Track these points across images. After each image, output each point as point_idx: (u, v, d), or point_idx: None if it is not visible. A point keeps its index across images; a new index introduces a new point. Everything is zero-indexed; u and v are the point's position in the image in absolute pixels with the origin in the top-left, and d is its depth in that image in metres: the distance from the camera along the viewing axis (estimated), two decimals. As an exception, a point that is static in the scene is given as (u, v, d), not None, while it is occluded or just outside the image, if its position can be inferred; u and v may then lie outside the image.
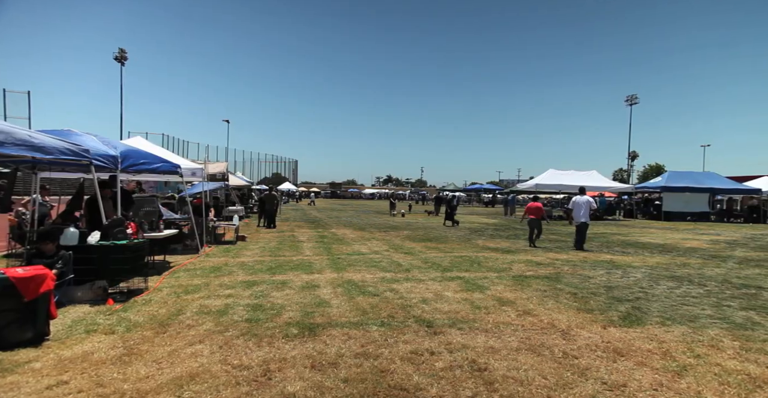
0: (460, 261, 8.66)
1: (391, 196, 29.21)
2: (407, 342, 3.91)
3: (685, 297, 5.90)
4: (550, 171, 26.10)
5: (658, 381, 3.13)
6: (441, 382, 3.09)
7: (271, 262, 8.18)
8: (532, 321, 4.62)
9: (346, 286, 6.18)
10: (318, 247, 10.56)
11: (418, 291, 5.94)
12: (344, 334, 4.09)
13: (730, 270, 8.18)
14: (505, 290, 6.11)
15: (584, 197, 11.36)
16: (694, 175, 27.28)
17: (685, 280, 7.09)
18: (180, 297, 5.36)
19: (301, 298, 5.44)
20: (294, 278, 6.72)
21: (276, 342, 3.82)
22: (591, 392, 2.95)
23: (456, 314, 4.85)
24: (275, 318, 4.54)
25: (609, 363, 3.49)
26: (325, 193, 79.95)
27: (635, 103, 79.81)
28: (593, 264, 8.57)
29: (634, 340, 4.04)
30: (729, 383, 3.12)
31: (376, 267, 7.90)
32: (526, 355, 3.63)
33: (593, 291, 6.16)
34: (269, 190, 16.80)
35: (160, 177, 9.26)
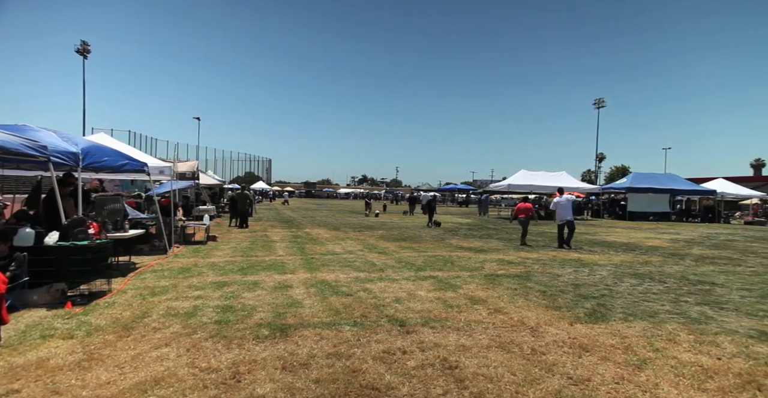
0: (434, 261, 8.75)
1: (367, 196, 28.79)
2: (380, 341, 3.92)
3: (646, 293, 6.15)
4: (522, 171, 26.72)
5: (619, 375, 3.26)
6: (412, 381, 3.11)
7: (242, 262, 8.02)
8: (502, 319, 4.71)
9: (319, 286, 6.13)
10: (291, 247, 10.43)
11: (391, 291, 5.95)
12: (316, 335, 4.05)
13: (688, 268, 8.59)
14: (477, 289, 6.20)
15: (564, 196, 11.90)
16: (656, 177, 28.54)
17: (647, 277, 7.40)
18: (146, 299, 5.18)
19: (273, 299, 5.35)
20: (266, 278, 6.62)
21: (246, 344, 3.74)
22: (557, 387, 3.04)
23: (429, 313, 4.89)
24: (246, 320, 4.45)
25: (575, 358, 3.59)
26: (300, 192, 79.07)
27: (602, 106, 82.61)
28: (562, 263, 8.82)
29: (599, 336, 4.18)
30: (684, 375, 3.28)
31: (350, 266, 7.87)
32: (496, 352, 3.70)
33: (561, 289, 6.34)
34: (241, 189, 16.46)
35: (125, 175, 8.92)
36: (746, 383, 3.15)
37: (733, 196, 29.22)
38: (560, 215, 11.71)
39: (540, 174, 26.58)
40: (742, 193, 29.54)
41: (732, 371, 3.36)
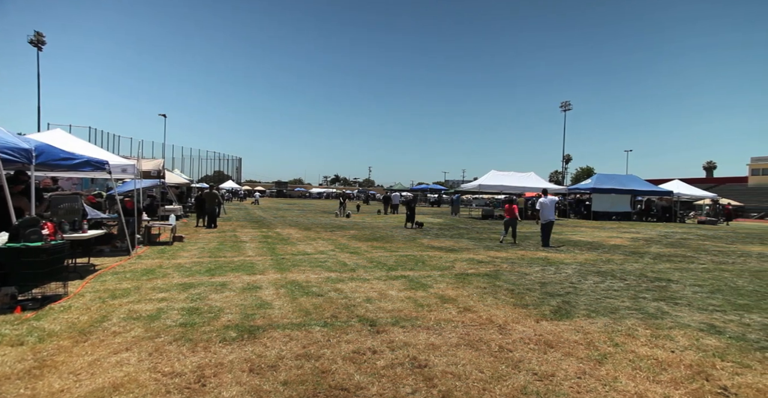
0: (405, 260, 8.79)
1: (342, 195, 28.21)
2: (350, 341, 3.90)
3: (608, 290, 6.40)
4: (492, 172, 27.26)
5: (582, 370, 3.37)
6: (382, 380, 3.11)
7: (210, 263, 7.80)
8: (471, 318, 4.78)
9: (289, 287, 6.04)
10: (261, 247, 10.24)
11: (362, 291, 5.94)
12: (285, 336, 3.99)
13: (646, 265, 9.00)
14: (447, 288, 6.28)
15: (548, 198, 12.46)
16: (618, 178, 29.75)
17: (609, 275, 7.70)
18: (105, 302, 4.96)
19: (241, 300, 5.24)
20: (235, 279, 6.47)
21: (212, 347, 3.64)
22: (523, 383, 3.11)
23: (399, 312, 4.91)
24: (213, 322, 4.33)
25: (540, 354, 3.69)
26: (271, 191, 77.79)
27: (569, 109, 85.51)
28: (530, 262, 9.05)
29: (563, 332, 4.31)
30: (640, 368, 3.43)
31: (321, 267, 7.80)
32: (465, 350, 3.75)
33: (529, 287, 6.50)
34: (210, 188, 16.02)
35: (85, 173, 8.50)
36: (696, 374, 3.33)
37: (687, 197, 30.85)
38: (544, 215, 12.19)
39: (509, 174, 27.21)
40: (696, 194, 31.24)
41: (684, 363, 3.54)
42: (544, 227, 12.20)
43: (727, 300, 5.95)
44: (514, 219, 12.79)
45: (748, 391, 3.06)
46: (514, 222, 12.79)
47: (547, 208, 12.26)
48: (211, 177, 64.52)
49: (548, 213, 12.20)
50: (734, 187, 58.00)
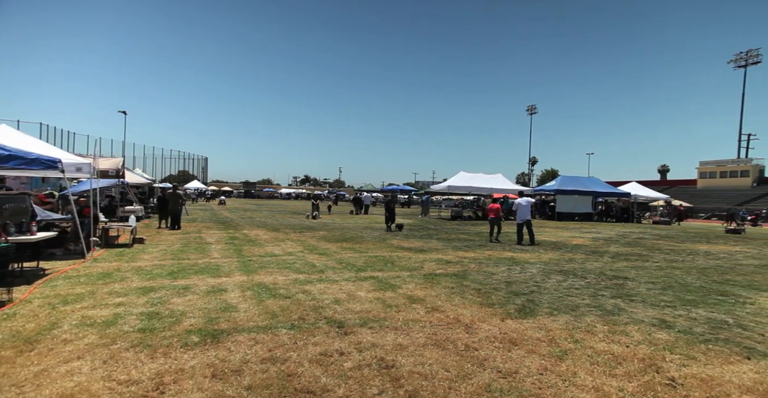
0: (375, 261, 8.80)
1: (315, 196, 27.57)
2: (317, 343, 3.86)
3: (569, 289, 6.63)
4: (461, 173, 27.71)
5: (543, 366, 3.48)
6: (349, 382, 3.09)
7: (172, 266, 7.53)
8: (439, 317, 4.84)
9: (256, 289, 5.92)
10: (227, 249, 9.98)
11: (331, 292, 5.90)
12: (251, 339, 3.91)
13: (605, 264, 9.40)
14: (416, 288, 6.33)
15: (525, 199, 13.49)
16: (581, 180, 30.94)
17: (571, 274, 7.99)
18: (56, 308, 4.68)
19: (205, 304, 5.08)
20: (198, 282, 6.27)
21: (173, 353, 3.51)
22: (487, 380, 3.18)
23: (368, 313, 4.90)
24: (174, 327, 4.18)
25: (504, 352, 3.78)
26: (239, 192, 76.01)
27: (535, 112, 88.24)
28: (496, 262, 9.26)
29: (527, 330, 4.43)
30: (598, 362, 3.58)
31: (289, 268, 7.69)
32: (432, 350, 3.79)
33: (495, 286, 6.65)
34: (173, 189, 15.46)
35: (34, 172, 8.00)
36: (647, 367, 3.50)
37: (644, 198, 32.48)
38: (520, 215, 13.07)
39: (478, 176, 27.74)
40: (651, 196, 32.97)
41: (637, 357, 3.72)
42: (520, 227, 13.04)
43: (677, 296, 6.30)
44: (499, 219, 13.70)
45: (692, 381, 3.26)
46: (498, 221, 13.65)
47: (522, 209, 13.10)
48: (175, 177, 62.40)
49: (524, 213, 13.02)
50: (685, 188, 61.57)
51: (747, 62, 59.13)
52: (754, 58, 58.65)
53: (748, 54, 58.99)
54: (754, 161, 58.37)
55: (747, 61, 59.15)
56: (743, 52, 59.46)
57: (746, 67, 59.32)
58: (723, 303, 5.90)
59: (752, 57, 58.75)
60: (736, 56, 60.19)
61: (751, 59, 58.86)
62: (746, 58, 59.18)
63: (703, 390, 3.10)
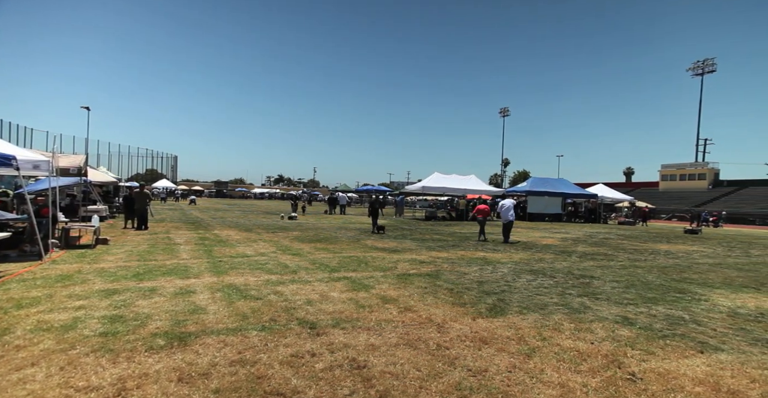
0: (348, 262, 8.77)
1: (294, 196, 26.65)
2: (288, 345, 3.81)
3: (539, 288, 6.80)
4: (435, 174, 28.00)
5: (512, 364, 3.55)
6: (320, 383, 3.07)
7: (138, 267, 7.27)
8: (411, 317, 4.87)
9: (226, 291, 5.79)
10: (197, 250, 9.72)
11: (303, 293, 5.84)
12: (220, 342, 3.82)
13: (573, 264, 9.70)
14: (389, 288, 6.34)
15: (508, 201, 14.45)
16: (551, 182, 31.80)
17: (540, 273, 8.20)
18: (8, 313, 4.44)
19: (172, 306, 4.93)
20: (166, 284, 6.07)
21: (137, 357, 3.39)
22: (458, 379, 3.22)
23: (340, 314, 4.88)
24: (138, 330, 4.03)
25: (475, 351, 3.84)
26: (210, 191, 74.22)
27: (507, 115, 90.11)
28: (469, 262, 9.39)
29: (497, 329, 4.52)
30: (564, 359, 3.69)
31: (261, 269, 7.56)
32: (404, 350, 3.81)
33: (467, 286, 6.74)
34: (140, 188, 14.93)
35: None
36: (610, 362, 3.64)
37: (610, 200, 33.71)
38: (504, 216, 13.97)
39: (452, 177, 28.09)
40: (617, 197, 34.27)
41: (601, 353, 3.86)
42: (505, 226, 13.87)
43: (639, 294, 6.58)
44: (485, 219, 14.39)
45: (651, 375, 3.41)
46: (484, 221, 14.40)
47: (506, 210, 13.95)
48: (143, 175, 60.30)
49: (507, 214, 13.86)
50: (648, 190, 64.32)
51: (704, 70, 62.32)
52: (710, 67, 61.89)
53: (705, 63, 62.19)
54: (710, 165, 61.60)
55: (704, 69, 62.33)
56: (700, 61, 62.66)
57: (703, 75, 62.53)
58: (680, 301, 6.20)
59: (708, 66, 61.98)
60: (694, 65, 63.35)
61: (707, 68, 62.07)
62: (703, 66, 62.36)
63: (660, 384, 3.24)
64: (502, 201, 14.52)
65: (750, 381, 3.38)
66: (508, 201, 14.35)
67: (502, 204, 14.30)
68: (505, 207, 14.09)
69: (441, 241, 13.51)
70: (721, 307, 5.87)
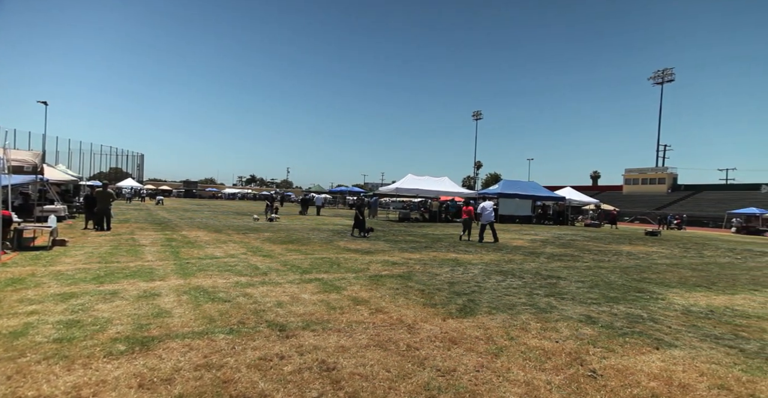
0: (321, 263, 8.70)
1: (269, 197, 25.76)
2: (256, 348, 3.74)
3: (508, 288, 6.95)
4: (409, 176, 28.19)
5: (480, 363, 3.61)
6: (288, 386, 3.03)
7: (99, 270, 6.96)
8: (382, 318, 4.87)
9: (193, 293, 5.63)
10: (163, 251, 9.40)
11: (274, 295, 5.75)
12: (185, 346, 3.71)
13: (541, 265, 9.97)
14: (361, 290, 6.33)
15: (489, 202, 15.34)
16: (522, 184, 32.62)
17: (509, 274, 8.38)
18: (-46, 318, 4.16)
19: (135, 310, 4.75)
20: (129, 287, 5.84)
21: (94, 363, 3.24)
22: (426, 379, 3.25)
23: (311, 316, 4.83)
24: (97, 335, 3.86)
25: (444, 351, 3.88)
26: (179, 191, 72.05)
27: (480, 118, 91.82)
28: (441, 263, 9.50)
29: (466, 329, 4.58)
30: (530, 358, 3.78)
31: (231, 271, 7.39)
32: (374, 351, 3.81)
33: (438, 287, 6.81)
34: (102, 187, 14.32)
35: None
36: (573, 360, 3.76)
37: (577, 202, 34.89)
38: (485, 217, 14.77)
39: (425, 179, 28.35)
40: (584, 200, 35.51)
41: (565, 351, 3.98)
42: (483, 227, 14.76)
43: (602, 293, 6.83)
44: (470, 220, 15.18)
45: (610, 371, 3.54)
46: (470, 222, 15.17)
47: (486, 211, 14.80)
48: (106, 174, 57.77)
49: (488, 215, 14.74)
50: (613, 193, 67.03)
51: (663, 79, 65.58)
52: (669, 77, 65.20)
53: (664, 72, 65.44)
54: (669, 169, 64.83)
55: (663, 78, 65.59)
56: (660, 70, 65.87)
57: (663, 84, 65.76)
58: (640, 300, 6.48)
59: (668, 75, 65.25)
60: (655, 74, 66.54)
61: (666, 77, 65.35)
62: (662, 75, 65.61)
63: (618, 380, 3.38)
64: (482, 204, 15.17)
65: (699, 374, 3.57)
66: (488, 204, 15.08)
67: (483, 207, 14.94)
68: (485, 209, 14.82)
69: (414, 243, 13.60)
70: (676, 306, 6.18)
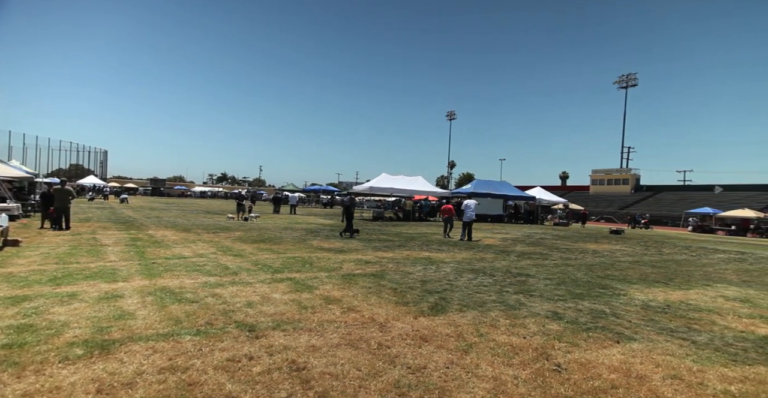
0: (293, 262, 8.59)
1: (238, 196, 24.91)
2: (224, 349, 3.66)
3: (479, 286, 7.07)
4: (383, 175, 28.24)
5: (450, 360, 3.66)
6: (256, 387, 2.98)
7: (56, 271, 6.63)
8: (354, 317, 4.86)
9: (158, 294, 5.44)
10: (128, 251, 9.05)
11: (244, 295, 5.63)
12: (148, 348, 3.58)
13: (511, 263, 10.19)
14: (333, 289, 6.29)
15: (470, 201, 15.76)
16: (493, 184, 33.23)
17: (481, 272, 8.53)
18: None
19: (94, 312, 4.55)
20: (88, 288, 5.59)
21: (48, 369, 3.09)
22: (397, 377, 3.26)
23: (281, 315, 4.77)
24: (52, 340, 3.68)
25: (415, 349, 3.91)
26: (145, 189, 69.54)
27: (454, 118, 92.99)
28: (414, 261, 9.56)
29: (438, 327, 4.63)
30: (499, 354, 3.86)
31: (199, 271, 7.19)
32: (345, 350, 3.80)
33: (411, 285, 6.85)
34: (61, 184, 13.64)
35: None
36: (539, 355, 3.87)
37: (547, 202, 35.86)
38: (467, 215, 15.15)
39: (399, 178, 28.47)
40: (553, 200, 36.55)
41: (532, 347, 4.09)
42: (466, 224, 15.10)
43: (568, 290, 7.05)
44: (451, 218, 15.79)
45: (574, 365, 3.67)
46: (451, 220, 15.80)
47: (469, 209, 15.25)
48: (66, 171, 55.08)
49: (471, 213, 15.19)
50: (580, 193, 69.28)
51: (627, 84, 68.29)
52: (633, 81, 67.96)
53: (628, 77, 68.18)
54: (632, 171, 67.56)
55: (627, 83, 68.30)
56: (624, 75, 68.59)
57: (627, 88, 68.49)
58: (603, 295, 6.73)
59: (632, 80, 68.01)
60: (619, 78, 69.22)
61: (630, 82, 68.08)
62: (627, 80, 68.31)
63: (581, 373, 3.50)
64: (465, 202, 15.73)
65: (655, 366, 3.75)
66: (471, 202, 15.59)
67: (466, 205, 15.48)
68: (468, 207, 15.36)
69: (387, 241, 13.63)
70: (636, 301, 6.45)
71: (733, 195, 51.71)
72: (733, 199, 49.16)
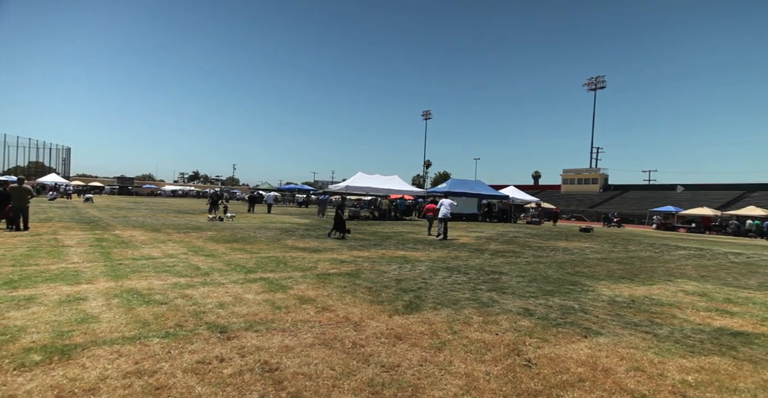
0: (267, 262, 8.46)
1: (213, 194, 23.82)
2: (194, 351, 3.57)
3: (453, 284, 7.15)
4: (359, 174, 28.20)
5: (424, 358, 3.69)
6: (227, 389, 2.92)
7: (12, 273, 6.30)
8: (329, 317, 4.83)
9: (125, 296, 5.25)
10: (92, 252, 8.69)
11: (215, 296, 5.51)
12: (113, 352, 3.45)
13: (485, 261, 10.37)
14: (307, 289, 6.23)
15: (447, 200, 16.30)
16: (468, 183, 33.68)
17: (455, 270, 8.63)
18: None
19: (55, 316, 4.34)
20: (48, 291, 5.34)
21: (2, 377, 2.93)
22: (371, 375, 3.26)
23: (254, 316, 4.69)
24: (6, 346, 3.49)
25: (389, 347, 3.92)
26: (112, 188, 66.93)
27: (429, 118, 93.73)
28: (389, 260, 9.58)
29: (412, 325, 4.66)
30: (471, 350, 3.92)
31: (169, 272, 6.98)
32: (319, 350, 3.77)
33: (386, 284, 6.86)
34: (18, 182, 12.96)
35: None
36: (511, 351, 3.95)
37: (520, 201, 36.69)
38: (443, 213, 15.61)
39: (375, 177, 28.49)
40: (526, 199, 37.44)
41: (503, 343, 4.17)
42: (441, 221, 15.57)
43: (540, 287, 7.23)
44: (434, 216, 16.28)
45: (544, 360, 3.77)
46: (433, 218, 16.54)
47: (445, 208, 15.69)
48: (25, 169, 52.44)
49: (447, 212, 15.68)
50: (552, 192, 71.14)
51: (596, 86, 70.57)
52: (601, 84, 70.31)
53: (597, 80, 70.46)
54: (601, 171, 69.91)
55: (596, 85, 70.58)
56: (593, 78, 70.85)
57: (596, 90, 70.78)
58: (572, 292, 6.94)
59: (600, 82, 70.32)
60: (588, 80, 71.46)
61: (599, 84, 70.40)
62: (595, 82, 70.59)
63: (550, 367, 3.60)
64: (442, 201, 16.25)
65: (620, 359, 3.90)
66: (447, 201, 16.15)
67: (442, 203, 16.05)
68: (445, 205, 15.93)
69: (363, 240, 13.61)
70: (603, 296, 6.69)
71: (694, 193, 54.36)
72: (693, 198, 51.65)
